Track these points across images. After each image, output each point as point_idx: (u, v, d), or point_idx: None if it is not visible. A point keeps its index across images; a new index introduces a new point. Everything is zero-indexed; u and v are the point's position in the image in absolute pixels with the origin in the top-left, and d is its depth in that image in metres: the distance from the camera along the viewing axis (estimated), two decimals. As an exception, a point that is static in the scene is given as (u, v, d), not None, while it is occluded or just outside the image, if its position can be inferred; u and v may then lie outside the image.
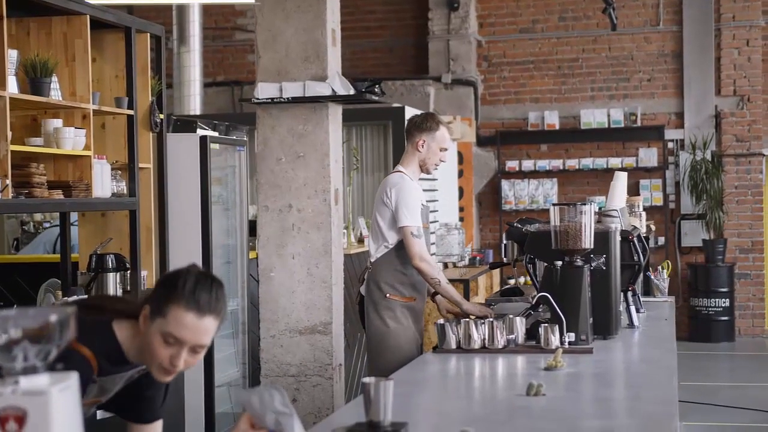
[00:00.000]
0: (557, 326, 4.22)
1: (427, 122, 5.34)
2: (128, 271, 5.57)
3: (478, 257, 10.89)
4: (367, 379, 2.72)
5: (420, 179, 8.94)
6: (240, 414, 2.55)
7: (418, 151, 5.30)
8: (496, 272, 11.25)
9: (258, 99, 5.87)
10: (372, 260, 5.30)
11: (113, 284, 5.43)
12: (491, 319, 4.33)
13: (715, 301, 12.24)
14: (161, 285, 2.67)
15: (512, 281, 11.73)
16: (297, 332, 5.78)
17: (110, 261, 5.43)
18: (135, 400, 2.86)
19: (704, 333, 12.26)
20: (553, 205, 4.47)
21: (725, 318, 12.28)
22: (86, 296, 5.25)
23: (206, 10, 12.79)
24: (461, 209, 12.34)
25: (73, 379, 1.79)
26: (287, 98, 5.81)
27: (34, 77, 4.81)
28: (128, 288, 5.60)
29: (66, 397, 1.75)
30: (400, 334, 5.16)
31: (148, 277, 5.84)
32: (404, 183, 5.22)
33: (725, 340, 12.24)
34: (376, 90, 6.18)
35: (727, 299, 12.25)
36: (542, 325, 4.24)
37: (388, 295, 5.19)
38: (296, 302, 5.76)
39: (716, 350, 11.88)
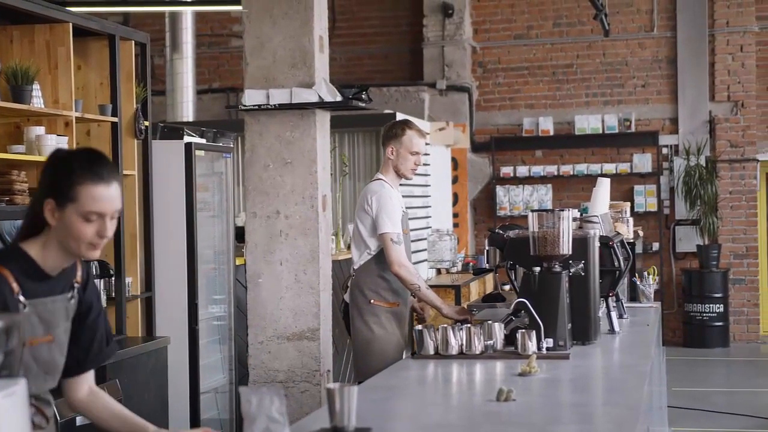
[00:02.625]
0: (534, 332, 4.23)
1: (392, 129, 5.43)
2: (113, 278, 5.58)
3: (471, 263, 10.89)
4: (330, 385, 2.74)
5: (410, 185, 8.95)
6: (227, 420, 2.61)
7: (390, 159, 5.39)
8: (490, 278, 11.25)
9: (245, 106, 5.88)
10: (355, 267, 5.39)
11: (97, 291, 5.43)
12: (469, 325, 4.34)
13: (710, 307, 12.23)
14: (54, 174, 2.70)
15: (507, 287, 11.73)
16: (285, 338, 5.79)
17: (94, 267, 5.45)
18: (80, 332, 2.85)
19: (698, 338, 12.26)
20: (532, 211, 4.49)
21: (720, 323, 12.27)
22: None
23: (202, 17, 12.84)
24: (456, 215, 12.36)
25: (20, 385, 1.81)
26: (274, 105, 5.83)
27: (15, 85, 4.83)
28: (113, 295, 5.61)
29: (11, 403, 1.77)
30: (385, 340, 5.22)
31: (133, 283, 5.85)
32: (384, 191, 5.28)
33: (720, 345, 12.24)
34: (363, 96, 6.18)
35: (722, 305, 12.25)
36: (519, 330, 4.25)
37: (372, 301, 5.27)
38: (284, 308, 5.76)
39: (710, 356, 11.87)
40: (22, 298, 2.63)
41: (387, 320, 5.26)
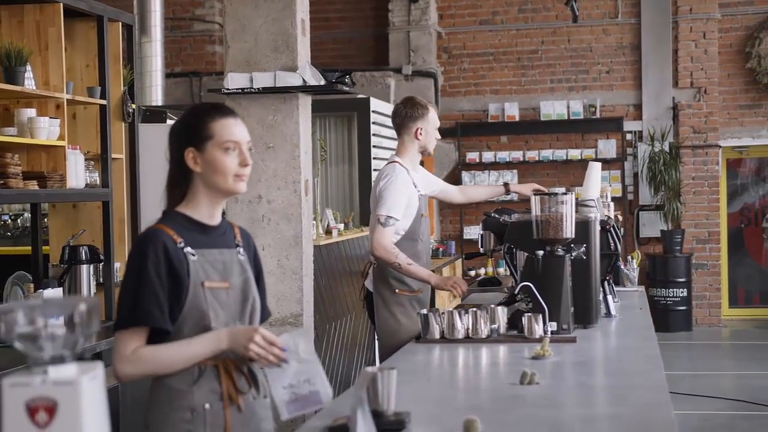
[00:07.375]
0: (540, 315, 4.24)
1: (417, 110, 5.34)
2: (101, 263, 5.50)
3: (440, 249, 10.92)
4: (371, 369, 2.72)
5: (377, 170, 8.87)
6: None
7: (417, 140, 5.32)
8: (459, 263, 11.29)
9: (228, 89, 5.82)
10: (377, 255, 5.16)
11: (86, 276, 5.35)
12: (474, 309, 4.33)
13: (673, 291, 12.38)
14: (186, 126, 2.89)
15: (473, 271, 11.78)
16: (267, 324, 5.74)
17: (84, 253, 5.36)
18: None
19: (662, 323, 12.37)
20: (535, 194, 4.48)
21: (683, 308, 12.43)
22: None
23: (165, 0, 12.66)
24: (422, 200, 12.34)
25: (99, 368, 1.77)
26: (258, 89, 5.77)
27: (8, 66, 4.73)
28: (101, 280, 5.53)
29: (94, 386, 1.74)
30: (411, 329, 5.07)
31: (121, 268, 5.77)
32: (396, 174, 5.18)
33: (683, 329, 12.40)
34: (346, 80, 6.17)
35: (685, 289, 12.40)
36: (525, 314, 4.25)
37: (397, 290, 5.18)
38: (267, 294, 5.72)
39: (674, 339, 12.01)
40: (188, 248, 2.82)
41: (412, 308, 5.17)
